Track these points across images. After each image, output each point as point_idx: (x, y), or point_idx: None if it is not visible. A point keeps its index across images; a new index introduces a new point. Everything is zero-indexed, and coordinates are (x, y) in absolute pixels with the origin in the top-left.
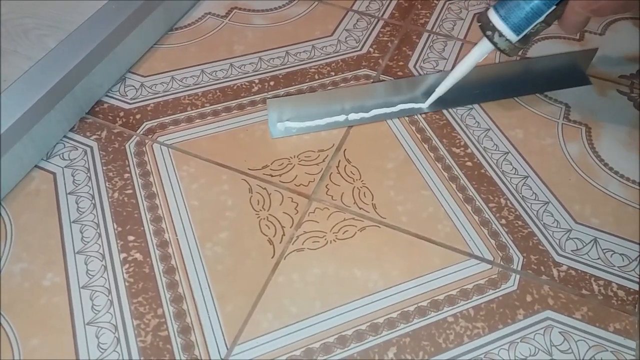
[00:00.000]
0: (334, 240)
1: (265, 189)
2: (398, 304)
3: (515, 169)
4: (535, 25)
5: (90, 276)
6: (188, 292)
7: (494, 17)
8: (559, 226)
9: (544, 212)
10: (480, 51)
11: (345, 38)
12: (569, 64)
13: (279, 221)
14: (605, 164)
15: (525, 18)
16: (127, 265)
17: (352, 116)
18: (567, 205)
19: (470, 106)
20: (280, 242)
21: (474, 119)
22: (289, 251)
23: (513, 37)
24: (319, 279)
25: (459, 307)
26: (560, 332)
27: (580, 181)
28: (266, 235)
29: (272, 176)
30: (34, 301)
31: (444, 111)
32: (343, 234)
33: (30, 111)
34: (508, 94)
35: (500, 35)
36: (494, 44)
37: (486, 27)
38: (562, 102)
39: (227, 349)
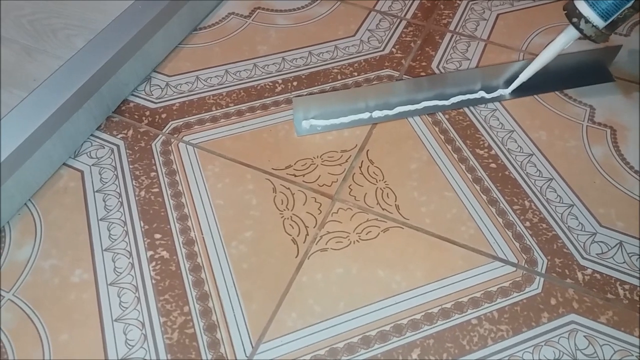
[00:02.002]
0: (357, 240)
1: (289, 188)
2: (422, 306)
3: (540, 171)
4: (623, 11)
5: (118, 273)
6: (214, 290)
7: (581, 5)
8: (583, 229)
9: (568, 215)
10: (566, 38)
11: (368, 38)
12: (592, 61)
13: (302, 221)
14: (631, 167)
15: (614, 3)
16: (153, 263)
17: (377, 114)
18: (592, 209)
19: (493, 107)
20: (304, 242)
21: (498, 120)
22: (313, 251)
23: (600, 23)
24: (343, 279)
25: (483, 309)
26: (585, 336)
27: (605, 184)
28: (290, 235)
29: (295, 176)
30: (63, 297)
31: (468, 112)
32: (366, 234)
33: (59, 110)
34: (531, 91)
35: (587, 21)
36: (580, 30)
37: (572, 14)
38: (586, 104)
39: (252, 347)
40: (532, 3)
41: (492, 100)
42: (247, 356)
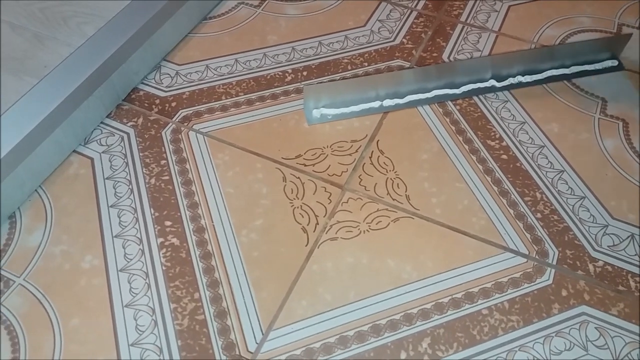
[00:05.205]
0: (367, 230)
1: (298, 178)
2: (432, 295)
3: (551, 163)
4: None
5: (128, 259)
6: (224, 277)
7: None
8: (595, 221)
9: (579, 207)
10: None
11: (379, 29)
12: (602, 49)
13: (312, 210)
14: None
15: None
16: (164, 250)
17: (387, 102)
18: (604, 201)
19: (505, 99)
20: (314, 231)
21: (509, 111)
22: (323, 240)
23: None
24: (353, 268)
25: (493, 299)
26: (596, 328)
27: (617, 177)
28: (300, 224)
29: (305, 165)
30: (74, 283)
31: (479, 103)
32: (376, 224)
33: (70, 97)
34: (540, 80)
35: None
36: None
37: None
38: (598, 97)
39: (262, 333)
40: None
41: (511, 87)
42: (257, 343)
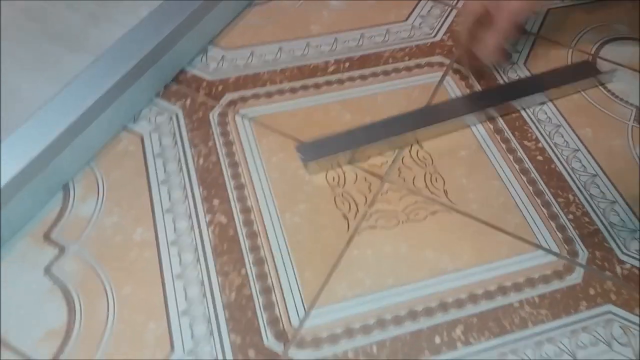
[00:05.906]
0: (405, 221)
1: (340, 166)
2: (467, 287)
3: (584, 166)
4: None
5: (179, 234)
6: (269, 256)
7: None
8: (624, 226)
9: (610, 211)
10: None
11: (420, 24)
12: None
13: (353, 198)
14: None
15: None
16: (212, 227)
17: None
18: (634, 206)
19: (541, 100)
20: (355, 218)
21: (546, 114)
22: (363, 227)
23: None
24: (392, 256)
25: (524, 293)
26: (620, 326)
27: None
28: (341, 210)
29: None
30: (126, 253)
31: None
32: (415, 215)
33: (125, 76)
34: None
35: None
36: None
37: None
38: (632, 105)
39: (305, 311)
40: None
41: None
42: (300, 319)
